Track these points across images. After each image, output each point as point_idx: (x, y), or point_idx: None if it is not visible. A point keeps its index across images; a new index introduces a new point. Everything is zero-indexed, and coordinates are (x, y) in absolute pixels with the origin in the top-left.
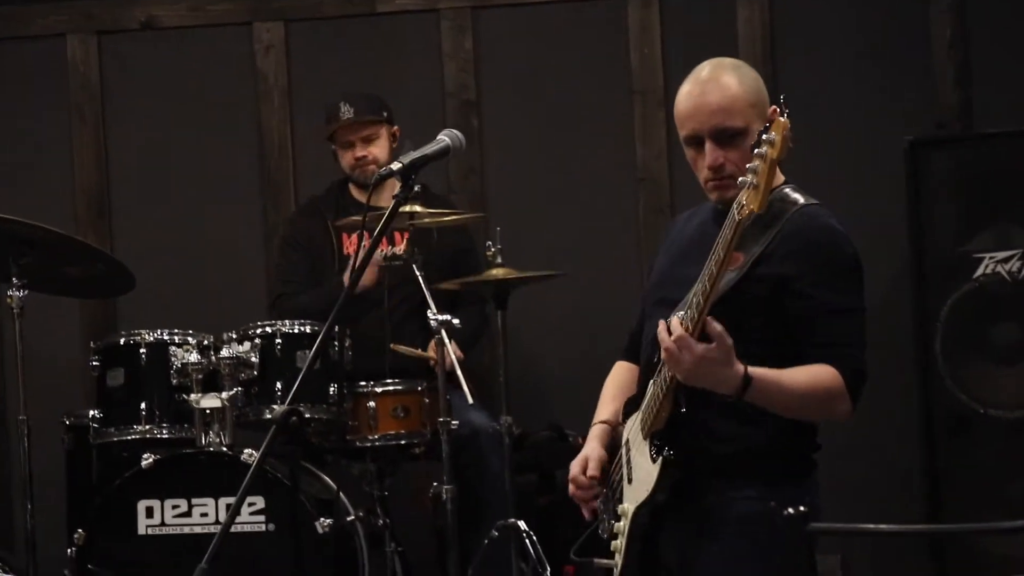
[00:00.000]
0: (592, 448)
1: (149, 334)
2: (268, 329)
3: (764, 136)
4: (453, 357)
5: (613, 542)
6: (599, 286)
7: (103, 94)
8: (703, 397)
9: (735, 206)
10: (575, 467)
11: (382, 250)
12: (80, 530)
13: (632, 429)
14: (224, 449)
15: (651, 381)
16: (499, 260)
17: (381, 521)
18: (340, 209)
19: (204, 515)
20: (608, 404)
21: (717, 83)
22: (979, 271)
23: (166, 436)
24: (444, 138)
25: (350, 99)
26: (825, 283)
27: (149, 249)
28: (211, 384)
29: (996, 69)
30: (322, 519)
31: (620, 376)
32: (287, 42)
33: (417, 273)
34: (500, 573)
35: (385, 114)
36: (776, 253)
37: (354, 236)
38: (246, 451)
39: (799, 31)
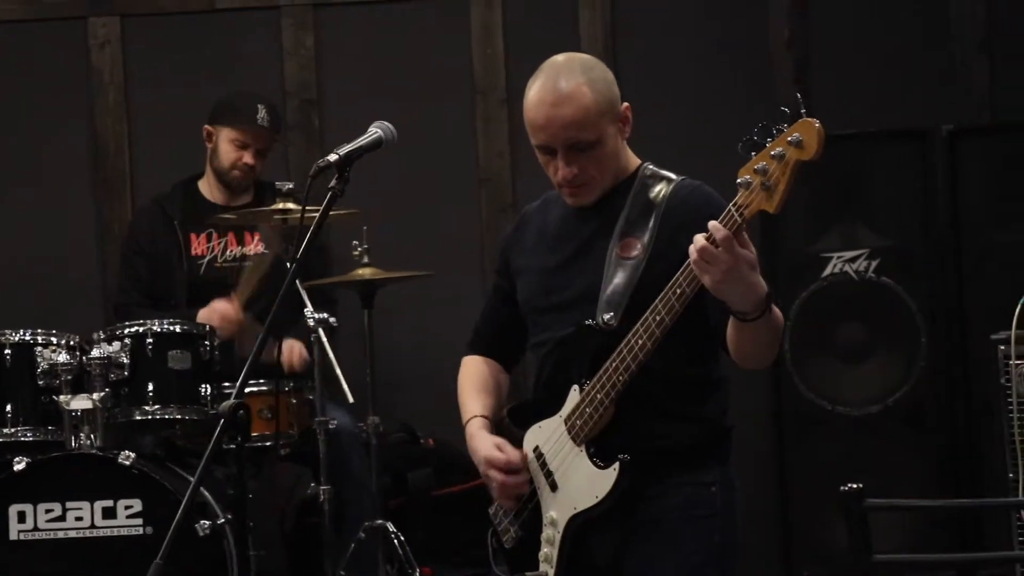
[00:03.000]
0: (492, 437)
1: (13, 334)
2: (138, 328)
3: (789, 138)
4: (332, 356)
5: (541, 552)
6: (442, 286)
7: None
8: (640, 400)
9: (734, 207)
10: (495, 452)
11: (231, 249)
12: None
13: (548, 436)
14: (97, 451)
15: (575, 387)
16: (366, 260)
17: (247, 524)
18: (188, 208)
19: (79, 519)
20: (476, 397)
21: (569, 95)
22: (827, 270)
23: (31, 439)
24: (376, 130)
25: (268, 106)
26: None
27: None
28: (79, 385)
29: (832, 70)
30: (202, 522)
31: (477, 370)
32: (123, 38)
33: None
34: (367, 574)
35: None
36: (667, 230)
37: (202, 236)
38: (123, 453)
39: (639, 32)
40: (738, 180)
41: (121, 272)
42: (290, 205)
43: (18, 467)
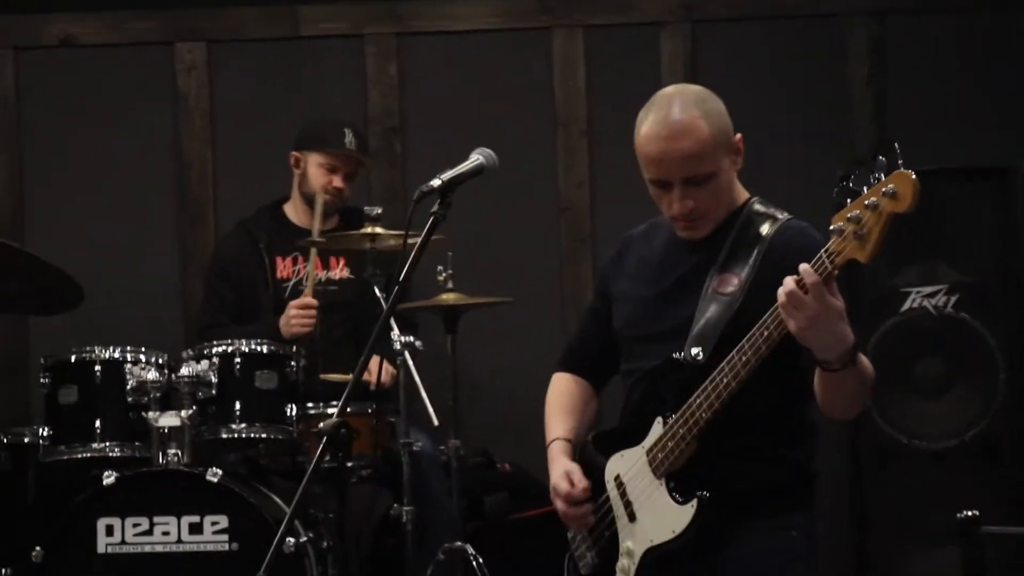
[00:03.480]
0: (567, 463)
1: (104, 351)
2: (226, 348)
3: (883, 190)
4: (418, 379)
5: None
6: (522, 315)
7: (20, 111)
8: (726, 438)
9: (826, 255)
10: (562, 482)
11: (318, 274)
12: (38, 548)
13: (630, 466)
14: (185, 467)
15: (659, 419)
16: (450, 285)
17: (325, 543)
18: (275, 232)
19: (166, 533)
20: (561, 418)
21: (685, 128)
22: (906, 305)
23: (119, 455)
24: (478, 156)
25: (354, 130)
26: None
27: (65, 270)
28: (167, 402)
29: (912, 107)
30: (289, 539)
31: (567, 388)
32: (209, 63)
33: (379, 295)
34: None
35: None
36: (767, 269)
37: (288, 260)
38: (211, 470)
39: (720, 66)
40: (831, 227)
41: (206, 296)
42: (378, 230)
43: (107, 481)
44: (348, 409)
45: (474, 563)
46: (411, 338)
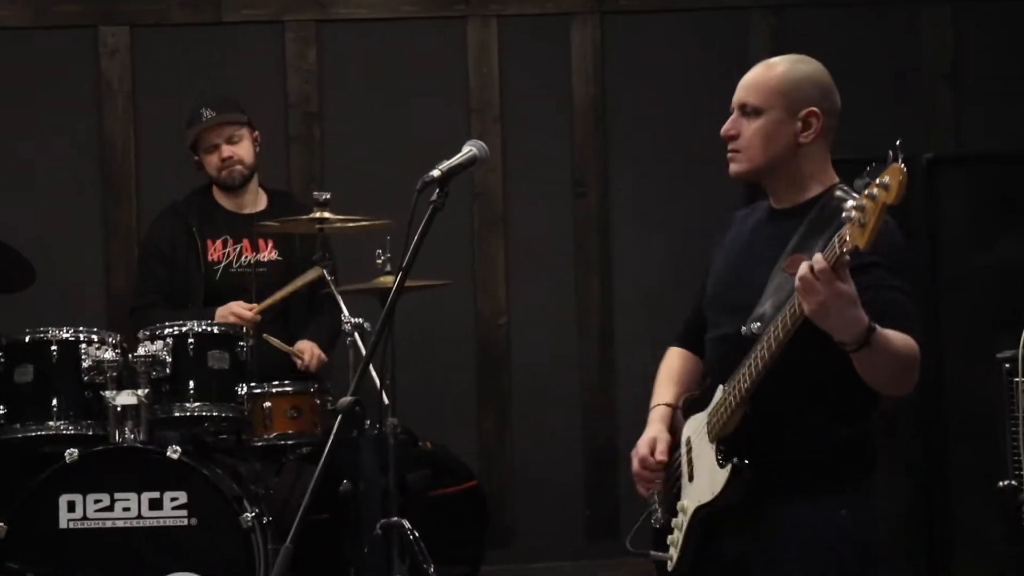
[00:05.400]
0: (658, 430)
1: (60, 331)
2: (180, 329)
3: (878, 180)
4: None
5: (669, 536)
6: (438, 296)
7: None
8: (777, 410)
9: (837, 239)
10: (643, 446)
11: (246, 255)
12: (0, 523)
13: (696, 429)
14: (145, 444)
15: (721, 386)
16: (388, 268)
17: (265, 520)
18: (205, 215)
19: (127, 509)
20: (667, 387)
21: (767, 65)
22: None
23: (74, 431)
24: (471, 148)
25: (209, 102)
26: (889, 268)
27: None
28: (120, 382)
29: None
30: (245, 514)
31: (674, 362)
32: (132, 47)
33: (328, 277)
34: (382, 570)
35: (246, 117)
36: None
37: (219, 242)
38: (171, 447)
39: (628, 52)
40: (842, 215)
41: (139, 275)
42: (326, 214)
43: (70, 458)
44: (290, 388)
45: (411, 536)
46: (360, 319)
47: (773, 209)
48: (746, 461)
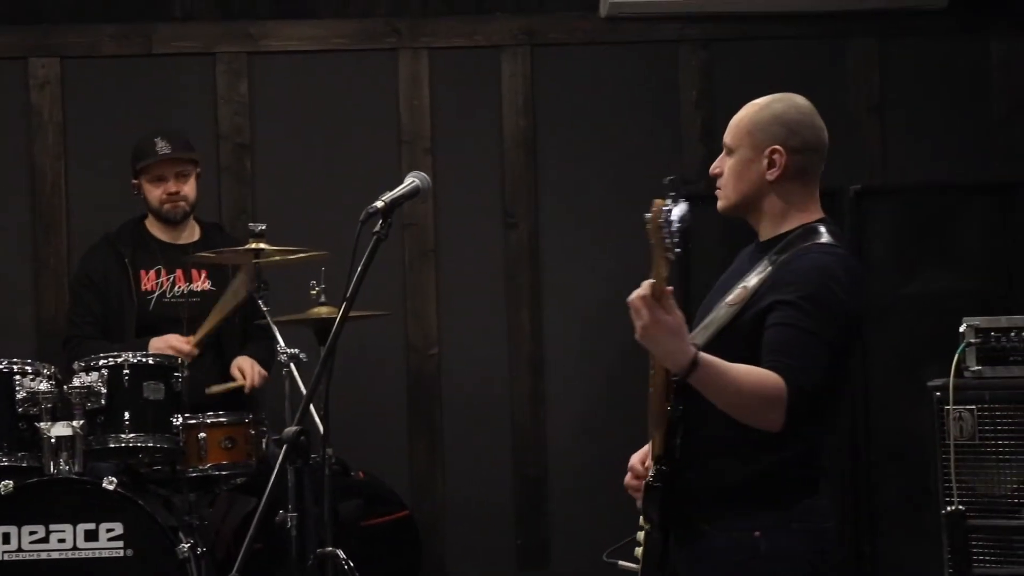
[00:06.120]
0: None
1: None
2: (116, 360)
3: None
4: (303, 389)
5: (637, 549)
6: (369, 326)
7: None
8: (705, 438)
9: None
10: (635, 457)
11: (179, 286)
12: None
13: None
14: (80, 476)
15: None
16: (323, 299)
17: (200, 549)
18: (138, 245)
19: (62, 541)
20: None
21: (747, 105)
22: None
23: (7, 464)
24: (414, 179)
25: (165, 136)
26: (795, 304)
27: None
28: (54, 413)
29: None
30: (181, 545)
31: None
32: (62, 78)
33: (263, 308)
34: None
35: (197, 156)
36: (766, 286)
37: (151, 272)
38: (107, 478)
39: (558, 86)
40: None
41: (72, 306)
42: (262, 245)
43: (4, 490)
44: (224, 419)
45: (345, 567)
46: (295, 350)
47: (758, 242)
48: (654, 479)
